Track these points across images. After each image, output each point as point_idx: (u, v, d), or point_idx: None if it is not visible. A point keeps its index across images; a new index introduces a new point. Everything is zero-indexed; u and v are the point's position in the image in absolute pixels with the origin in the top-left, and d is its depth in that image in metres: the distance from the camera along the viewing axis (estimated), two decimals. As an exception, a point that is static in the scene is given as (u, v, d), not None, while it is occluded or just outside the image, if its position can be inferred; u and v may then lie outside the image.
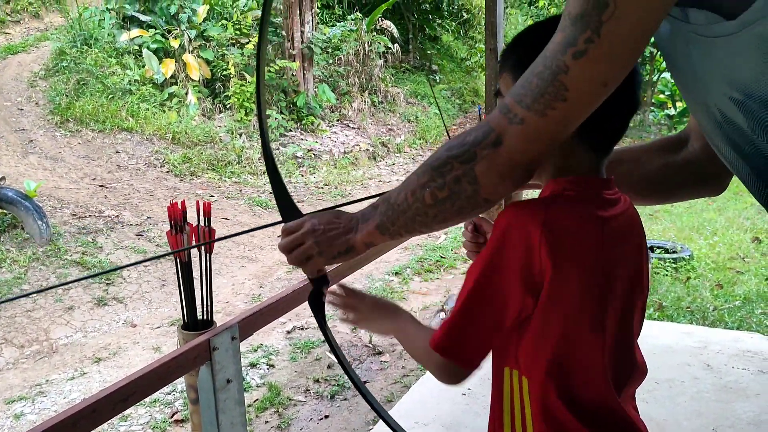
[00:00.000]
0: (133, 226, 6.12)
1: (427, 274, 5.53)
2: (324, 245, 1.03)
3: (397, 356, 4.10)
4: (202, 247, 1.69)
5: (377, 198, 1.00)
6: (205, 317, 1.73)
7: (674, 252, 5.48)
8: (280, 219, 1.17)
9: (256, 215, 7.03)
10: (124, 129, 8.18)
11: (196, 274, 1.78)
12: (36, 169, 6.96)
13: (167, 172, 7.70)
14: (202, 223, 1.67)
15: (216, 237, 1.69)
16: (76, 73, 8.67)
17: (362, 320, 1.11)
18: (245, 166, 8.42)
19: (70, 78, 8.59)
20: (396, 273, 5.47)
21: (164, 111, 8.76)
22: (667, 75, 13.98)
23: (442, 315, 4.64)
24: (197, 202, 1.69)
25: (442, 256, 5.83)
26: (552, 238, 0.82)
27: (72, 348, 4.32)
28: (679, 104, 14.47)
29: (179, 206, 1.64)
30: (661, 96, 14.59)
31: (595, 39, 0.72)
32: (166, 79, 9.06)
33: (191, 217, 1.72)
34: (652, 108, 13.84)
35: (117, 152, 7.75)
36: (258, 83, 1.18)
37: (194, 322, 1.70)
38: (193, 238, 1.68)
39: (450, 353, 0.89)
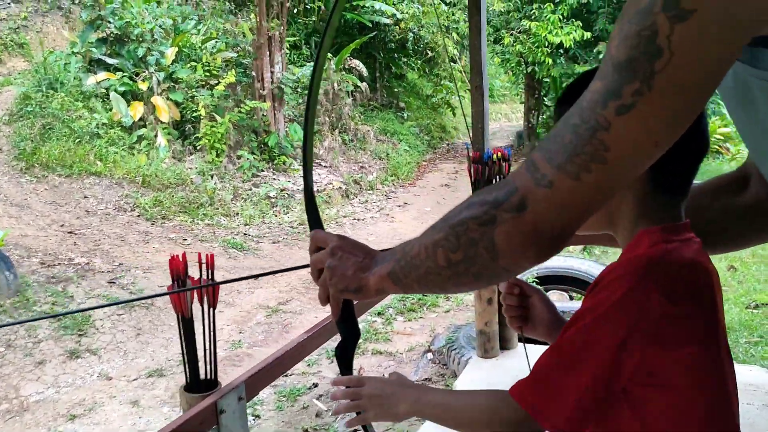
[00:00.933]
0: (104, 273, 5.92)
1: (410, 314, 5.45)
2: (335, 272, 0.93)
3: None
4: (205, 302, 1.60)
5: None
6: (209, 377, 1.63)
7: (654, 283, 5.52)
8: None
9: (231, 258, 6.90)
10: (93, 173, 7.99)
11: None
12: (1, 217, 6.73)
13: (138, 216, 7.52)
14: (204, 276, 1.59)
15: (219, 288, 1.61)
16: (42, 117, 8.47)
17: (372, 414, 0.99)
18: (218, 208, 8.29)
19: (36, 123, 8.39)
20: (378, 313, 5.38)
21: (133, 154, 8.60)
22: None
23: (429, 356, 4.55)
24: (199, 255, 1.61)
25: (424, 294, 5.76)
26: (676, 307, 0.78)
27: (44, 405, 4.11)
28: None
29: (180, 259, 1.55)
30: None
31: (645, 91, 0.61)
32: (134, 121, 8.91)
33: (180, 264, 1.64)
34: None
35: (85, 197, 7.56)
36: (309, 98, 1.09)
37: (197, 382, 1.60)
38: (195, 293, 1.59)
39: (540, 408, 0.81)
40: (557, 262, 5.80)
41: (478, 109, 3.20)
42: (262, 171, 9.46)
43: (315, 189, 9.30)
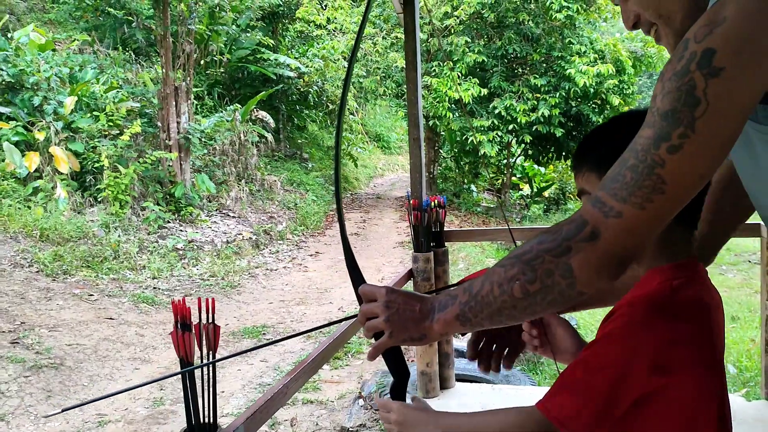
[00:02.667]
0: (5, 333, 5.52)
1: (335, 362, 5.47)
2: (396, 325, 1.00)
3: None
4: (204, 347, 1.62)
5: (454, 287, 1.02)
6: (209, 420, 1.63)
7: (563, 322, 5.87)
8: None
9: (143, 312, 6.63)
10: (-16, 227, 7.47)
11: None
12: None
13: (37, 272, 7.08)
14: (204, 321, 1.60)
15: (220, 335, 1.63)
16: (-76, 168, 7.88)
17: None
18: (123, 261, 7.95)
19: None
20: (304, 362, 5.35)
21: (29, 207, 8.13)
22: (520, 160, 15.28)
23: (361, 402, 4.59)
24: (198, 300, 1.63)
25: (348, 342, 5.80)
26: (678, 334, 0.90)
27: (-51, 480, 3.76)
28: (534, 185, 15.75)
29: (183, 303, 1.57)
30: (515, 178, 15.86)
31: (689, 134, 0.75)
32: (30, 172, 8.46)
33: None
34: (509, 190, 14.93)
35: (-23, 253, 7.04)
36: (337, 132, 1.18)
37: (198, 426, 1.60)
38: (195, 337, 1.60)
39: (565, 423, 0.91)
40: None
41: (416, 159, 3.38)
42: (169, 222, 9.21)
43: (224, 240, 9.19)
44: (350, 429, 4.26)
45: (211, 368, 1.64)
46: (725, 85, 0.75)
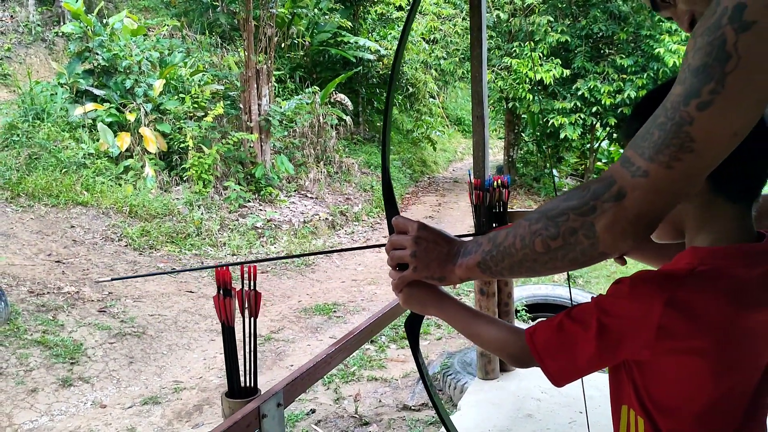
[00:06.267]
0: (94, 302, 5.89)
1: (402, 341, 5.50)
2: (420, 261, 1.01)
3: (385, 426, 4.03)
4: (246, 312, 1.67)
5: (481, 236, 1.01)
6: (249, 384, 1.68)
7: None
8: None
9: (220, 287, 6.89)
10: (79, 203, 7.97)
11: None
12: (-13, 245, 6.67)
13: (125, 246, 7.50)
14: (246, 287, 1.65)
15: (261, 297, 1.68)
16: (28, 147, 8.47)
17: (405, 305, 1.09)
18: (204, 238, 8.29)
19: (21, 152, 8.38)
20: (371, 341, 5.42)
21: (120, 184, 8.61)
22: (605, 144, 14.73)
23: (425, 381, 4.60)
24: (241, 267, 1.68)
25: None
26: (671, 321, 0.82)
27: (39, 433, 4.06)
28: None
29: (226, 270, 1.62)
30: (599, 163, 15.30)
31: (719, 90, 0.72)
32: (121, 152, 8.95)
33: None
34: (593, 175, 14.44)
35: (72, 227, 7.52)
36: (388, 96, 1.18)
37: (238, 389, 1.66)
38: (238, 304, 1.66)
39: (541, 356, 0.92)
40: (545, 291, 5.93)
41: (479, 137, 3.33)
42: (249, 202, 9.51)
43: (302, 220, 9.39)
44: (412, 407, 4.30)
45: (251, 335, 1.69)
46: (756, 39, 0.71)
